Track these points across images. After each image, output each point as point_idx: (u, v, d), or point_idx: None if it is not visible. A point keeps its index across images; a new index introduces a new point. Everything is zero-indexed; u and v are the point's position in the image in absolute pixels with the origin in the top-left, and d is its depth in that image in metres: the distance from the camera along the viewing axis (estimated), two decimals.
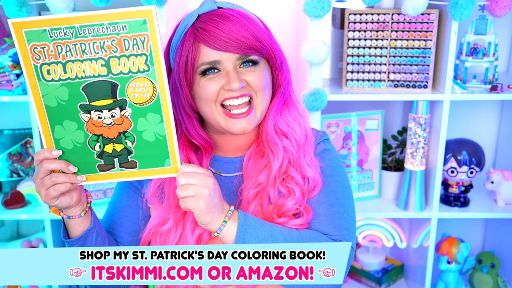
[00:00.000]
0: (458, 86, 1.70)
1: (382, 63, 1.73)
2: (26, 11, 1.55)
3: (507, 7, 1.56)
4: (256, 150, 1.03)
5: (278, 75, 1.00)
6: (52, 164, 0.88)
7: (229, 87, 0.92)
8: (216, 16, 0.93)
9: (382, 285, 2.08)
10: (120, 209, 1.09)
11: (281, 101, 1.02)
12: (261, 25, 0.97)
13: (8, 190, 1.94)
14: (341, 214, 0.99)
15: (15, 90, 1.67)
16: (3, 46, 1.71)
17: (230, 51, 0.92)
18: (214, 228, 0.90)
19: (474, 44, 1.72)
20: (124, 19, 0.79)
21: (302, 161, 1.00)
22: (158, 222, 1.01)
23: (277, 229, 0.94)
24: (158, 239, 1.02)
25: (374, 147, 1.89)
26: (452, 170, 1.81)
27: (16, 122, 1.97)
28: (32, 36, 0.80)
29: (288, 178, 0.99)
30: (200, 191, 0.86)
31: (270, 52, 0.96)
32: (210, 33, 0.91)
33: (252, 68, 0.95)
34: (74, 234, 0.98)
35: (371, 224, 1.98)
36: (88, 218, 0.97)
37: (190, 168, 0.88)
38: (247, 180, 1.01)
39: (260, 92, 0.96)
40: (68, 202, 0.91)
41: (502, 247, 2.07)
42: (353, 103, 1.93)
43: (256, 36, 0.93)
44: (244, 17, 0.94)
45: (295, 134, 1.01)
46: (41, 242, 1.94)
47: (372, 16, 1.69)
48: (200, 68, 0.93)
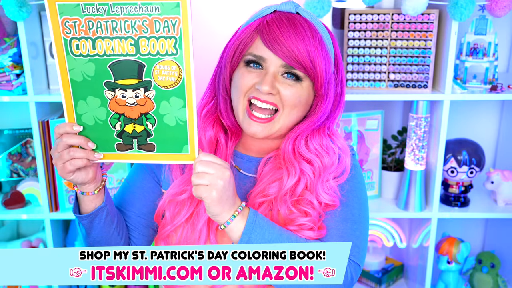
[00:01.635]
0: (458, 86, 1.70)
1: (382, 63, 1.73)
2: (26, 11, 1.55)
3: (507, 7, 1.56)
4: (275, 159, 1.02)
5: (318, 102, 0.98)
6: (72, 139, 0.88)
7: (259, 87, 0.92)
8: (286, 19, 0.92)
9: (382, 285, 2.08)
10: (134, 189, 1.09)
11: (309, 128, 0.99)
12: (327, 49, 0.95)
13: (8, 190, 1.94)
14: (353, 230, 0.98)
15: (15, 90, 1.67)
16: (3, 46, 1.71)
17: (278, 55, 0.91)
18: (221, 221, 0.89)
19: (474, 44, 1.72)
20: (157, 0, 0.79)
21: (318, 187, 0.98)
22: (176, 192, 1.01)
23: (285, 233, 0.93)
24: (172, 208, 1.02)
25: (374, 147, 1.89)
26: (452, 170, 1.81)
27: (16, 122, 1.97)
28: (65, 10, 0.81)
29: (302, 201, 0.98)
30: (215, 181, 0.86)
31: (318, 76, 0.93)
32: (271, 30, 0.91)
33: (292, 82, 0.94)
34: (85, 209, 0.99)
35: (371, 224, 1.98)
36: (100, 196, 0.98)
37: (209, 157, 0.88)
38: (257, 186, 1.00)
39: (288, 108, 0.95)
40: (83, 178, 0.92)
41: (502, 247, 2.07)
42: (353, 103, 1.93)
43: (310, 55, 0.91)
44: (312, 33, 0.92)
45: (319, 163, 0.99)
46: (41, 242, 1.94)
47: (372, 16, 1.69)
48: (247, 57, 0.94)
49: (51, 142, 1.71)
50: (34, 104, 1.67)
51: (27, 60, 1.63)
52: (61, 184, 1.76)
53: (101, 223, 1.00)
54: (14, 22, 1.73)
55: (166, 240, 1.03)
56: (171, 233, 1.02)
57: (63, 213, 1.78)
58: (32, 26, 1.66)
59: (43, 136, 1.70)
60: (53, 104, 1.83)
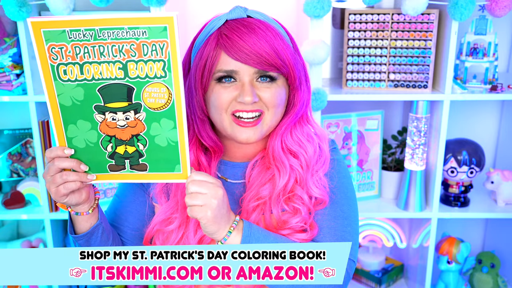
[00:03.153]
0: (458, 86, 1.69)
1: (382, 63, 1.73)
2: (26, 11, 1.55)
3: (507, 7, 1.56)
4: (261, 161, 1.02)
5: (294, 94, 0.99)
6: (64, 162, 0.88)
7: (241, 99, 0.92)
8: (243, 26, 0.91)
9: (382, 285, 2.08)
10: (125, 204, 1.09)
11: (292, 121, 1.00)
12: (287, 41, 0.96)
13: (8, 190, 1.94)
14: (345, 227, 0.99)
15: (15, 90, 1.67)
16: (3, 46, 1.71)
17: (249, 64, 0.91)
18: (218, 238, 0.90)
19: (474, 44, 1.72)
20: (144, 24, 0.78)
21: (309, 181, 0.99)
22: (163, 219, 1.01)
23: (280, 240, 0.93)
24: (160, 237, 1.02)
25: (374, 147, 1.89)
26: (452, 170, 1.81)
27: (16, 122, 1.97)
28: (50, 36, 0.81)
29: (294, 197, 0.98)
30: (209, 201, 0.86)
31: (290, 71, 0.95)
32: (233, 42, 0.90)
33: (268, 84, 0.94)
34: (80, 229, 0.99)
35: (371, 224, 1.98)
36: (95, 215, 0.98)
37: (201, 176, 0.88)
38: (249, 190, 1.00)
39: (272, 109, 0.95)
40: (77, 199, 0.92)
41: (502, 247, 2.07)
42: (353, 103, 1.93)
43: (278, 53, 0.92)
44: (271, 32, 0.92)
45: (305, 154, 1.00)
46: (41, 242, 1.94)
47: (372, 16, 1.69)
48: (217, 74, 0.93)
49: (51, 142, 1.71)
50: (34, 104, 1.67)
51: (27, 60, 1.63)
52: None
53: (97, 241, 0.99)
54: (14, 22, 1.73)
55: None
56: None
57: (63, 213, 1.78)
58: None
59: (43, 136, 1.70)
60: None
